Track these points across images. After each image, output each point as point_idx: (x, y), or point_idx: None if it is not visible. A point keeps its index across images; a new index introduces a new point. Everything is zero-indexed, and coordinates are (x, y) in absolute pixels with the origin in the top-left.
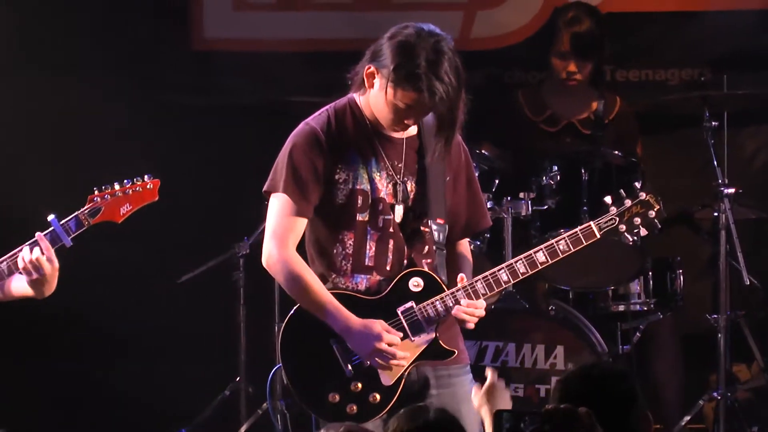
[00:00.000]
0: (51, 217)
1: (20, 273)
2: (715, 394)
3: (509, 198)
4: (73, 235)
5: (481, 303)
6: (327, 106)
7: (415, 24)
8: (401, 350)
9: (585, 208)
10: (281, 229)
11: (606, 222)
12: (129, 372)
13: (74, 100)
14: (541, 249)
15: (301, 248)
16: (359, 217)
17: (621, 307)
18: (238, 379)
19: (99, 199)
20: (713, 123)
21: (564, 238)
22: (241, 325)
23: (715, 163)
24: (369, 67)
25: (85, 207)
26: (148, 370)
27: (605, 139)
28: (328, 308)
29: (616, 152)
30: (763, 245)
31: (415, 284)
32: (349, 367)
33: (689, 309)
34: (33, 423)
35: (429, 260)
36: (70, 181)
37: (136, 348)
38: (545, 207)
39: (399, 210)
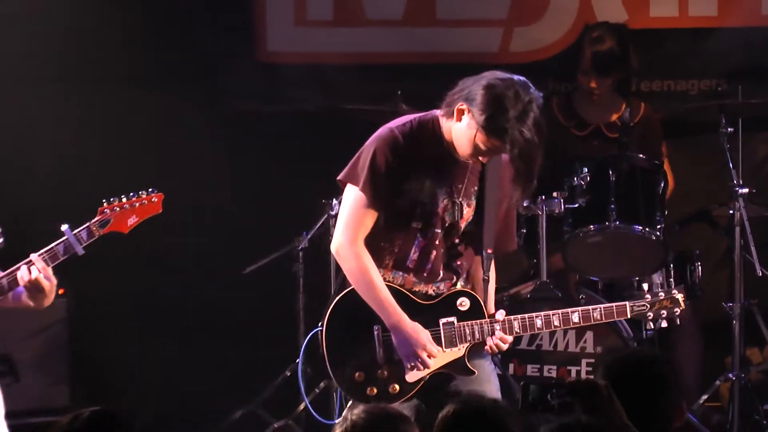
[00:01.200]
0: (65, 227)
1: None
2: (730, 375)
3: (543, 197)
4: (84, 244)
5: (510, 338)
6: (412, 116)
7: (512, 78)
8: (432, 359)
9: (612, 206)
10: (354, 222)
11: (639, 306)
12: (200, 353)
13: (152, 108)
14: (578, 311)
15: None
16: (413, 225)
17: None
18: (297, 360)
19: (108, 211)
20: (729, 129)
21: (599, 309)
22: (300, 311)
23: (731, 165)
24: (462, 105)
25: (96, 218)
26: (217, 352)
27: (631, 143)
28: (385, 305)
29: (641, 156)
30: None
31: (462, 303)
32: (382, 354)
33: (707, 298)
34: (119, 398)
35: (464, 276)
36: (152, 182)
37: (206, 332)
38: (576, 205)
39: (451, 227)
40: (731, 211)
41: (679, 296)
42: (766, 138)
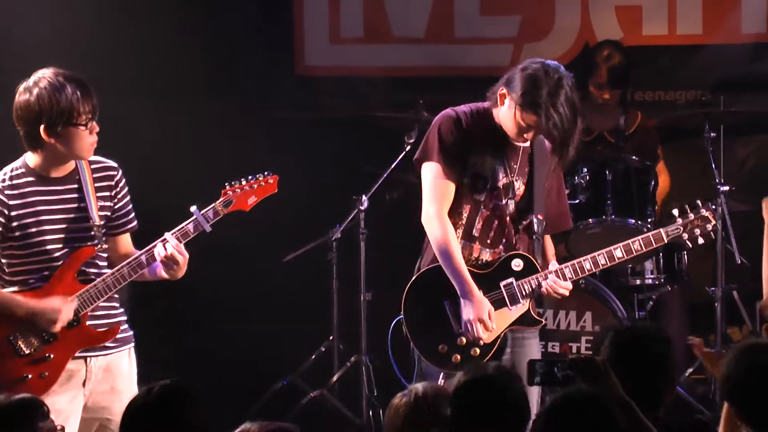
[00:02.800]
0: (193, 208)
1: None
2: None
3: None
4: (211, 222)
5: (567, 284)
6: (470, 104)
7: (544, 60)
8: (499, 318)
9: (609, 202)
10: (438, 194)
11: (673, 230)
12: (248, 331)
13: (202, 117)
14: (620, 247)
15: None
16: (476, 197)
17: (638, 281)
18: (331, 338)
19: (231, 193)
20: (712, 134)
21: (638, 240)
22: (333, 295)
23: (714, 166)
24: (502, 89)
25: (220, 199)
26: (262, 330)
27: (627, 147)
28: (461, 274)
29: (635, 158)
30: (752, 232)
31: (517, 264)
32: (456, 324)
33: (693, 283)
34: (179, 371)
35: (524, 245)
36: (203, 182)
37: (253, 312)
38: (577, 201)
39: (509, 200)
40: (714, 206)
41: (707, 213)
42: (745, 142)
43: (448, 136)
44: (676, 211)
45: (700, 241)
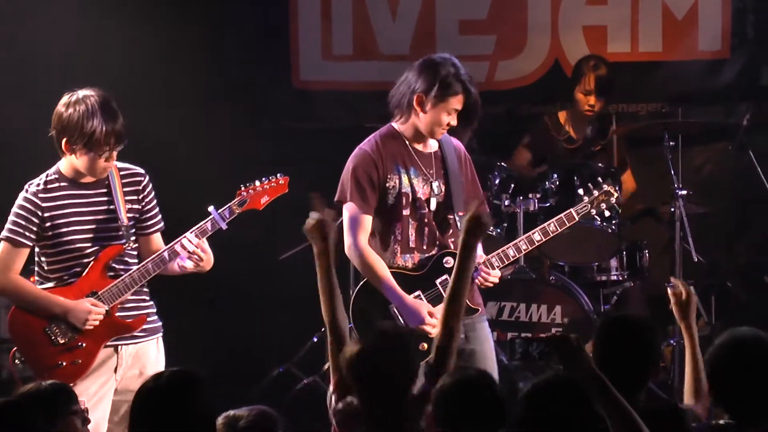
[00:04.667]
0: (211, 208)
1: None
2: (672, 341)
3: (521, 197)
4: (228, 220)
5: (496, 272)
6: (373, 134)
7: (432, 55)
8: (439, 313)
9: None
10: (354, 228)
11: (581, 208)
12: (247, 323)
13: (208, 125)
14: (537, 231)
15: None
16: (404, 213)
17: (603, 277)
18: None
19: (245, 193)
20: (671, 143)
21: (553, 221)
22: None
23: (672, 172)
24: (416, 96)
25: (236, 199)
26: (260, 322)
27: (600, 156)
28: (391, 289)
29: (600, 164)
30: (708, 232)
31: (447, 262)
32: (403, 323)
33: (653, 279)
34: (184, 360)
35: (453, 240)
36: (214, 185)
37: (251, 306)
38: (548, 204)
39: (433, 202)
40: (673, 209)
41: (609, 188)
42: (701, 150)
43: (361, 176)
44: (581, 191)
45: (607, 213)
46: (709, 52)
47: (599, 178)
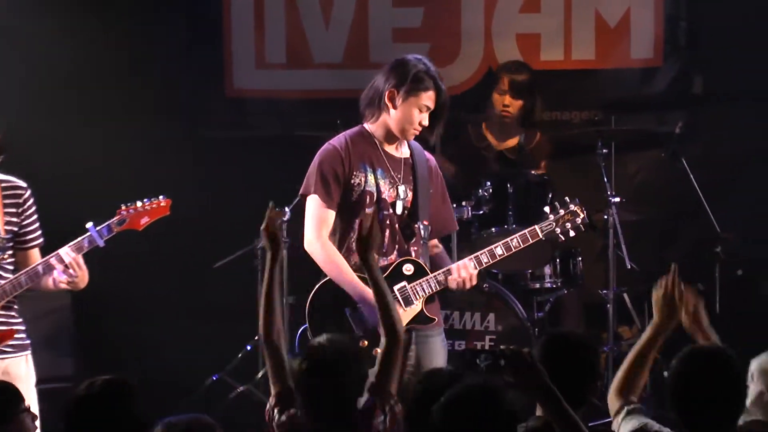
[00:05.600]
0: (89, 224)
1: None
2: (606, 348)
3: (455, 205)
4: (105, 238)
5: (471, 270)
6: (344, 132)
7: (400, 56)
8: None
9: (510, 213)
10: (316, 221)
11: (546, 226)
12: (179, 332)
13: (141, 134)
14: (500, 245)
15: None
16: (367, 211)
17: (537, 285)
18: (256, 338)
19: (125, 213)
20: (604, 150)
21: (516, 237)
22: (258, 298)
23: (606, 179)
24: (388, 93)
25: (115, 218)
26: (193, 331)
27: (527, 162)
28: (353, 283)
29: (533, 172)
30: (640, 239)
31: (407, 269)
32: (358, 328)
33: (587, 286)
34: (115, 369)
35: (416, 248)
36: (142, 196)
37: (184, 314)
38: (481, 212)
39: (399, 205)
40: (606, 216)
41: (576, 208)
42: (634, 158)
43: (327, 170)
44: (547, 209)
45: (572, 234)
46: (642, 60)
47: (566, 198)
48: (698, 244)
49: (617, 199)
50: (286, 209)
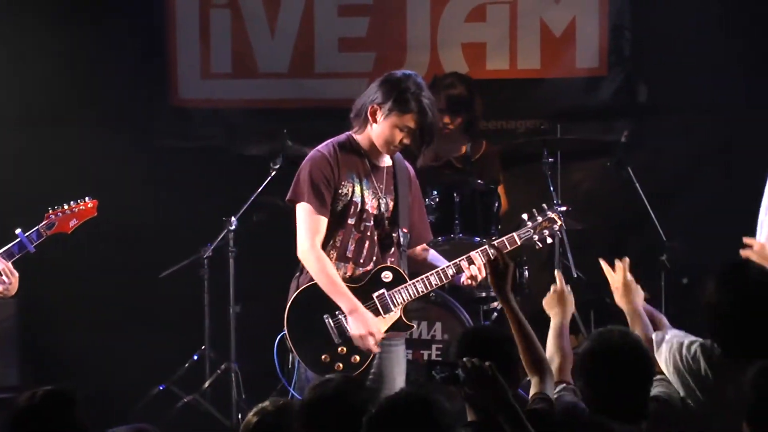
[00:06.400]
0: (18, 230)
1: None
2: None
3: None
4: (35, 243)
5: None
6: (330, 140)
7: (396, 71)
8: (379, 325)
9: (457, 222)
10: (310, 230)
11: (524, 233)
12: (126, 341)
13: (89, 144)
14: (477, 252)
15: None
16: (349, 221)
17: (483, 294)
18: (203, 347)
19: (53, 216)
20: (550, 159)
21: (494, 244)
22: (205, 308)
23: (551, 188)
24: (372, 106)
25: (44, 222)
26: (139, 341)
27: (473, 172)
28: (344, 295)
29: (479, 181)
30: (586, 248)
31: (386, 276)
32: (337, 335)
33: (533, 295)
34: (60, 379)
35: (393, 258)
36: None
37: (131, 324)
38: (428, 221)
39: (380, 218)
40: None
41: (553, 215)
42: (580, 166)
43: (317, 177)
44: (525, 216)
45: (549, 240)
46: (587, 69)
47: (544, 204)
48: (644, 253)
49: (563, 208)
50: (233, 219)
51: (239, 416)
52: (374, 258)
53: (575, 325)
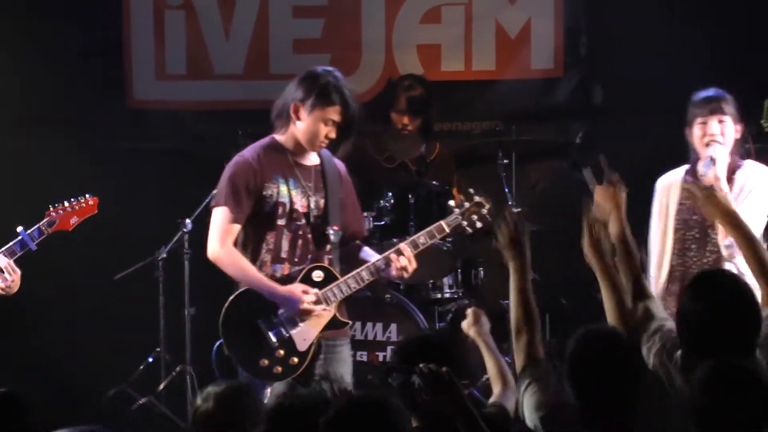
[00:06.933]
0: (20, 229)
1: None
2: (507, 358)
3: None
4: (37, 241)
5: (408, 255)
6: (255, 143)
7: (315, 66)
8: (313, 325)
9: (412, 223)
10: (222, 232)
11: (452, 219)
12: (81, 343)
13: (45, 147)
14: (407, 243)
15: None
16: (279, 222)
17: (438, 295)
18: (158, 349)
19: (54, 214)
20: (505, 161)
21: (423, 234)
22: (160, 310)
23: (507, 189)
24: (294, 104)
25: (45, 220)
26: (94, 342)
27: (428, 173)
28: (260, 281)
29: (435, 182)
30: (542, 250)
31: (318, 275)
32: (273, 339)
33: (488, 296)
34: (15, 382)
35: (329, 256)
36: (36, 207)
37: (86, 325)
38: (383, 222)
39: (311, 216)
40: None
41: (480, 199)
42: (535, 168)
43: (237, 182)
44: (452, 203)
45: (479, 225)
46: (542, 71)
47: (470, 189)
48: None
49: (518, 209)
50: (188, 221)
51: None
52: (309, 256)
53: None
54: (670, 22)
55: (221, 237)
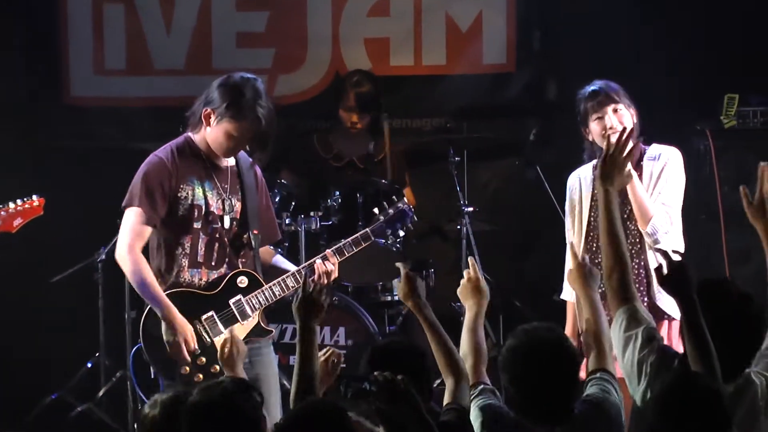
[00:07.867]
0: None
1: None
2: None
3: (303, 216)
4: None
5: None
6: (169, 143)
7: (236, 73)
8: (237, 332)
9: (360, 222)
10: (132, 234)
11: (377, 227)
12: (17, 349)
13: None
14: (333, 250)
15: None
16: (195, 225)
17: (387, 298)
18: (98, 354)
19: None
20: (456, 158)
21: (348, 241)
22: (99, 312)
23: (458, 188)
24: (206, 110)
25: None
26: (29, 349)
27: (376, 172)
28: (158, 299)
29: (383, 181)
30: (495, 250)
31: (241, 281)
32: (195, 346)
33: (440, 298)
34: None
35: (244, 260)
36: None
37: (22, 330)
38: (330, 222)
39: (227, 219)
40: (459, 227)
41: (404, 206)
42: (487, 166)
43: (151, 183)
44: (377, 210)
45: (401, 233)
46: (494, 66)
47: (394, 197)
48: (554, 254)
49: (470, 209)
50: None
51: (135, 426)
52: (227, 260)
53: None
54: (628, 17)
55: (131, 240)
